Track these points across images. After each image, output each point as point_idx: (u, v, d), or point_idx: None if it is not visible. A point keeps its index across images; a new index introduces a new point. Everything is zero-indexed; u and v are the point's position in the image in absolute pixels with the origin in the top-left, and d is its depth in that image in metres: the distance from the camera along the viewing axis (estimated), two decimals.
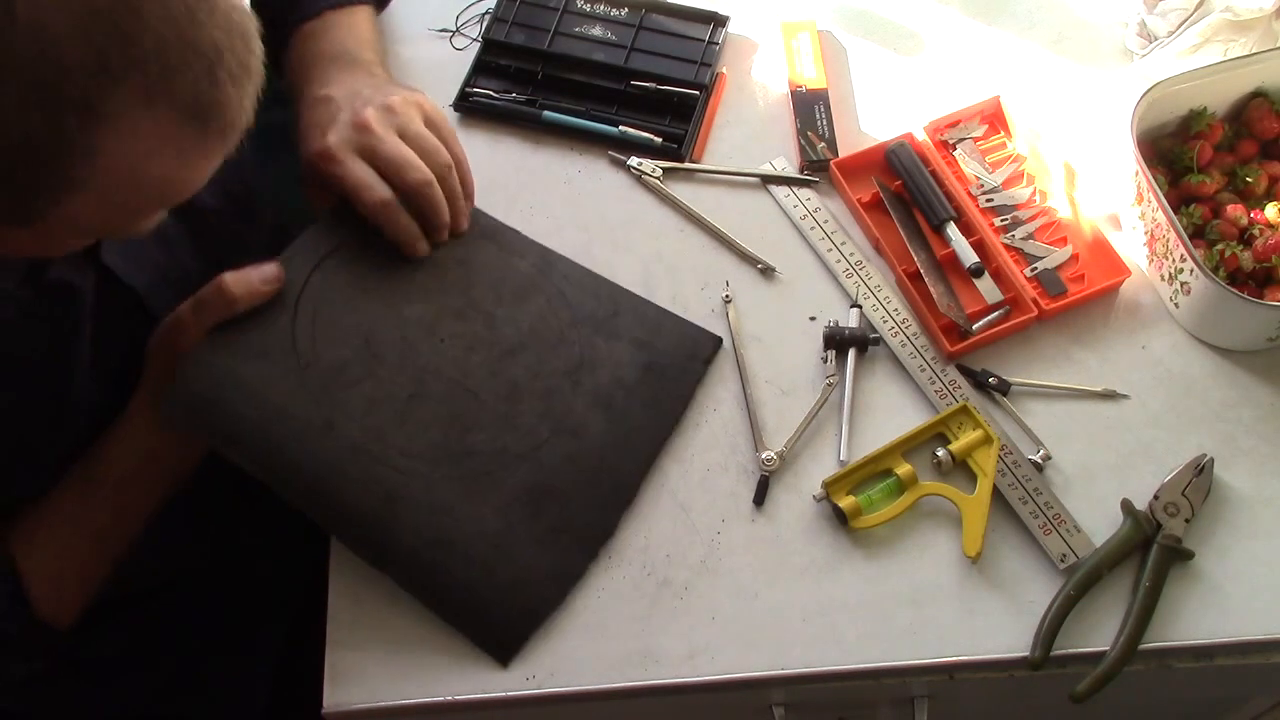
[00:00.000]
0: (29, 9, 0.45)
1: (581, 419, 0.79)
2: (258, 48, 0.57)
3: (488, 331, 0.81)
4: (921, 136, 0.92)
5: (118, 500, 0.76)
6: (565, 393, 0.80)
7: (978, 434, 0.80)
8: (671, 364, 0.82)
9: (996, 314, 0.85)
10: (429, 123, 0.81)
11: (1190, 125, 0.90)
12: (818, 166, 0.92)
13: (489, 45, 0.99)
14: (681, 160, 0.93)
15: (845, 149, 0.93)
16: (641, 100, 0.96)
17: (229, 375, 0.73)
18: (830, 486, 0.78)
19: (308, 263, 0.79)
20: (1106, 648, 0.73)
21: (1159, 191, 0.82)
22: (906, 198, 0.91)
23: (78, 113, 0.48)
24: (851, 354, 0.84)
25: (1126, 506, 0.77)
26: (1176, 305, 0.85)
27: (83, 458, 0.75)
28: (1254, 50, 0.90)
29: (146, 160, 0.53)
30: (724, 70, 0.98)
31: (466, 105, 0.96)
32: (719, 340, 0.84)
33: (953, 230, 0.88)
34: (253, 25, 0.58)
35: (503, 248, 0.85)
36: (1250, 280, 0.84)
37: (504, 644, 0.74)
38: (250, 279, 0.74)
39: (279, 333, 0.76)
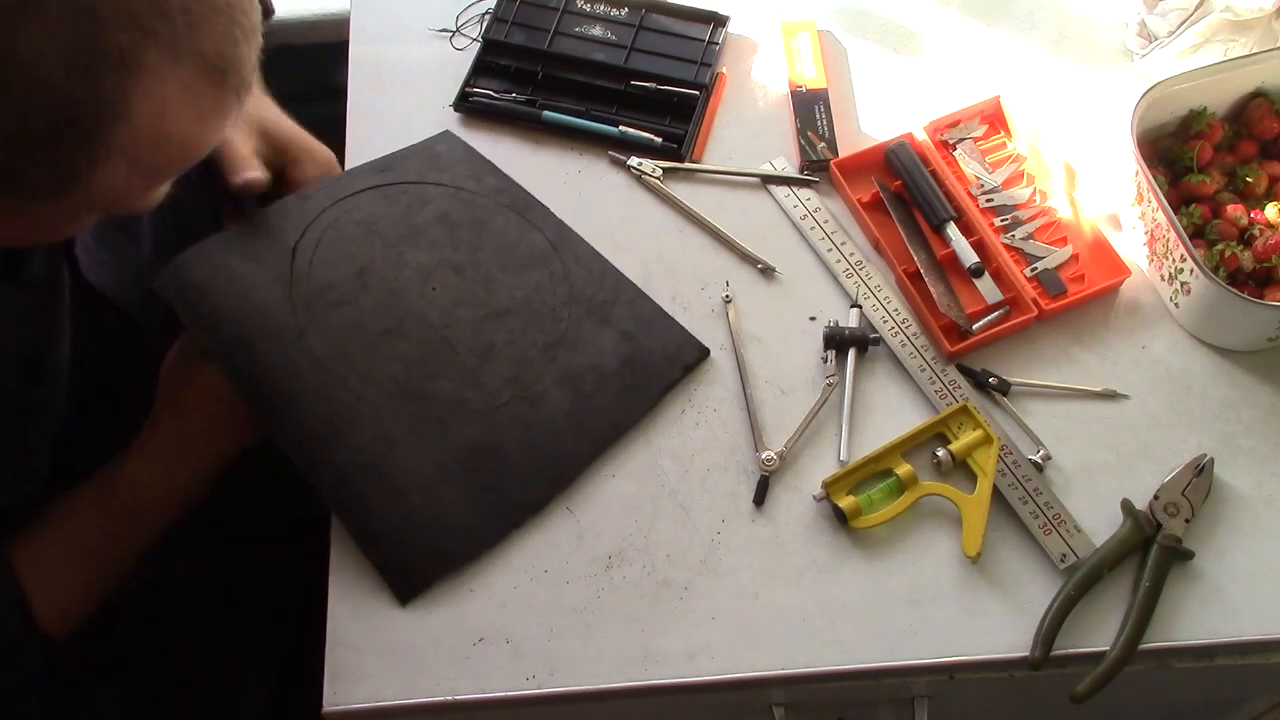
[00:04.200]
0: None
1: (545, 392, 0.81)
2: (257, 10, 0.59)
3: (483, 292, 0.84)
4: (921, 136, 0.92)
5: (133, 532, 0.78)
6: (537, 364, 0.81)
7: (978, 434, 0.80)
8: (650, 362, 0.83)
9: (996, 314, 0.85)
10: None
11: (1190, 125, 0.90)
12: (818, 166, 0.92)
13: (489, 45, 0.99)
14: (681, 160, 0.93)
15: (845, 149, 0.93)
16: (641, 100, 0.96)
17: (223, 269, 0.80)
18: (830, 486, 0.78)
19: (328, 198, 0.86)
20: (1106, 648, 0.73)
21: (1159, 191, 0.82)
22: (906, 198, 0.91)
23: (114, 71, 0.50)
24: (851, 354, 0.84)
25: (1126, 506, 0.77)
26: (1176, 305, 0.85)
27: (98, 482, 0.76)
28: (1254, 50, 0.90)
29: (172, 119, 0.54)
30: (724, 70, 0.98)
31: (466, 105, 0.96)
32: (706, 350, 0.84)
33: (953, 230, 0.88)
34: None
35: (524, 218, 0.88)
36: (1250, 280, 0.84)
37: (409, 581, 0.75)
38: None
39: (280, 248, 0.83)
